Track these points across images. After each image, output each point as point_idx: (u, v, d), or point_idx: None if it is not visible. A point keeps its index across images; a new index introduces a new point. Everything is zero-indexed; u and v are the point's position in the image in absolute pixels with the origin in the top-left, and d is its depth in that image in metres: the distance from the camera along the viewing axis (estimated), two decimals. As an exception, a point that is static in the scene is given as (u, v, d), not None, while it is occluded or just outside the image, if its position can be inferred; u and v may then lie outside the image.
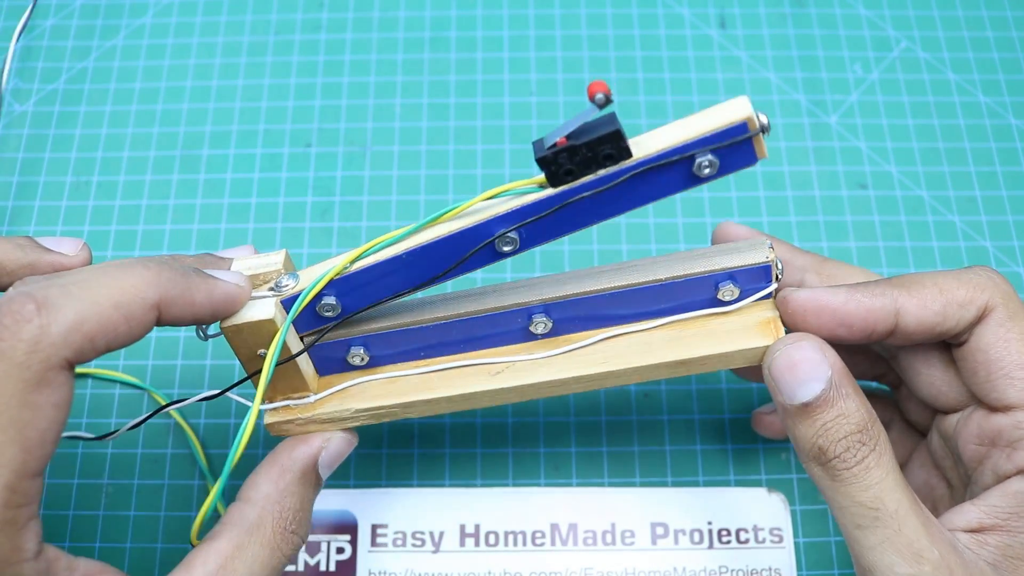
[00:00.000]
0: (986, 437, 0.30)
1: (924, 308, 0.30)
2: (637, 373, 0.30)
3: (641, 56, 0.48)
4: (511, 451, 0.41)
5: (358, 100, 0.48)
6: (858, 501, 0.28)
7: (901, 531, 0.27)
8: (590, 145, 0.26)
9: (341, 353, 0.32)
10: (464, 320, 0.31)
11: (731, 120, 0.26)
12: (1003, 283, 0.30)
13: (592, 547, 0.38)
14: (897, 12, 0.49)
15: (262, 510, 0.28)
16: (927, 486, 0.34)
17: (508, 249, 0.29)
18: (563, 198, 0.28)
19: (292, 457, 0.30)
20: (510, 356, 0.32)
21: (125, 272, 0.26)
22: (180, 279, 0.27)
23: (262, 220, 0.45)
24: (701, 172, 0.27)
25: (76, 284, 0.25)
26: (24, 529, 0.24)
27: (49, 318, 0.24)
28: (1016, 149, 0.46)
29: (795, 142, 0.46)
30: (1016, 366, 0.29)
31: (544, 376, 0.31)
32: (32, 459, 0.24)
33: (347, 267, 0.30)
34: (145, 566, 0.38)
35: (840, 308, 0.30)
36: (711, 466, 0.40)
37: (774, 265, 0.30)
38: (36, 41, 0.49)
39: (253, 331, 0.29)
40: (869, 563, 0.28)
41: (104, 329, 0.25)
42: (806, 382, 0.28)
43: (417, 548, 0.38)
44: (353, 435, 0.32)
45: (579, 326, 0.32)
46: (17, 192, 0.46)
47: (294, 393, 0.32)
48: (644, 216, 0.45)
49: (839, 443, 0.28)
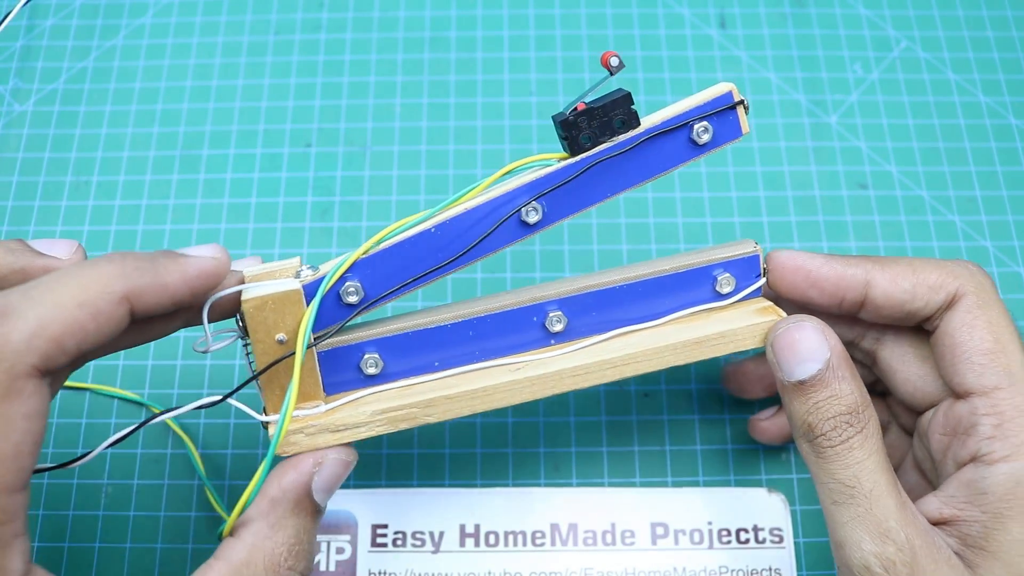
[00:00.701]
0: (949, 426, 0.31)
1: (894, 284, 0.31)
2: (656, 355, 0.31)
3: (641, 56, 0.48)
4: (511, 451, 0.41)
5: (358, 100, 0.48)
6: (837, 478, 0.29)
7: (872, 510, 0.28)
8: (605, 109, 0.30)
9: (354, 360, 0.31)
10: (479, 319, 0.31)
11: (718, 92, 0.31)
12: (979, 274, 0.31)
13: (592, 547, 0.38)
14: (897, 12, 0.49)
15: (252, 548, 0.26)
16: (916, 488, 0.34)
17: (534, 220, 0.30)
18: (583, 165, 0.30)
19: (281, 487, 0.27)
20: (528, 357, 0.32)
21: (88, 269, 0.25)
22: (147, 265, 0.26)
23: (262, 220, 0.45)
24: (700, 138, 0.30)
25: (37, 288, 0.24)
26: (8, 548, 0.23)
27: (9, 326, 0.23)
28: (1016, 149, 0.46)
29: (795, 142, 0.46)
30: (978, 351, 0.30)
31: (565, 364, 0.31)
32: (9, 473, 0.23)
33: (373, 247, 0.29)
34: (145, 566, 0.38)
35: (815, 271, 0.32)
36: (711, 466, 0.40)
37: (762, 258, 0.33)
38: (36, 41, 0.49)
39: (277, 307, 0.28)
40: (840, 538, 0.29)
41: (71, 330, 0.24)
42: (805, 361, 0.29)
43: (417, 548, 0.38)
44: (350, 454, 0.29)
45: (592, 328, 0.32)
46: (17, 192, 0.46)
47: (304, 402, 0.30)
48: (644, 216, 0.45)
49: (827, 422, 0.29)
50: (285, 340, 0.28)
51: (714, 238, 0.44)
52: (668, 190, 0.45)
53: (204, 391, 0.41)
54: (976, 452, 0.29)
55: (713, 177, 0.45)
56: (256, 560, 0.26)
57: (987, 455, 0.29)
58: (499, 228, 0.30)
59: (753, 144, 0.46)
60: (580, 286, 0.32)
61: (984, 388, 0.30)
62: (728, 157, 0.46)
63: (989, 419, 0.29)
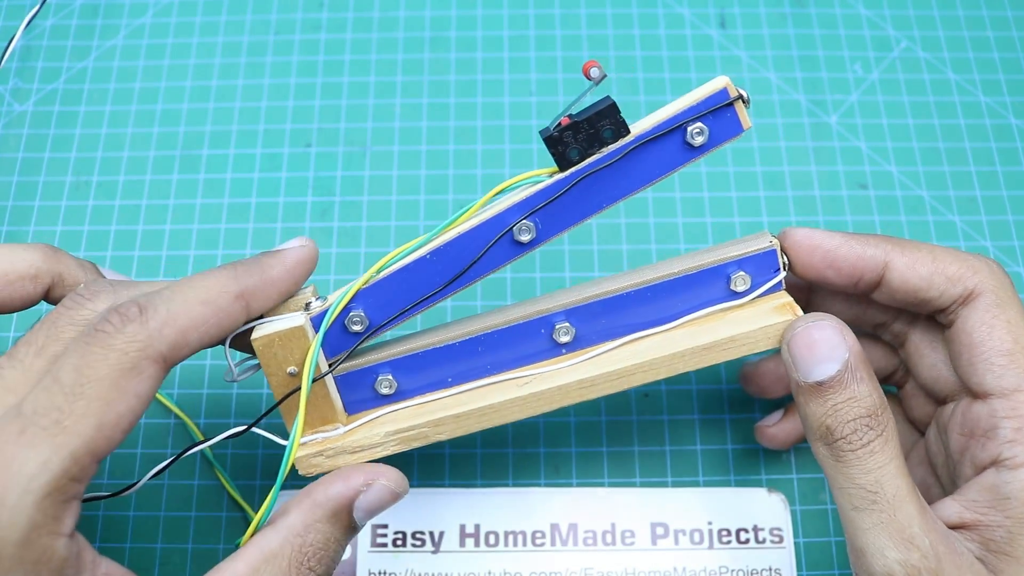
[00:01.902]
0: (967, 427, 0.31)
1: (912, 269, 0.30)
2: (665, 364, 0.31)
3: (641, 56, 0.48)
4: (511, 451, 0.41)
5: (358, 100, 0.48)
6: (858, 483, 0.28)
7: (895, 516, 0.28)
8: (590, 120, 0.29)
9: (369, 381, 0.32)
10: (488, 335, 0.32)
11: (713, 89, 0.29)
12: (999, 272, 0.31)
13: (592, 547, 0.38)
14: (897, 12, 0.49)
15: (284, 540, 0.28)
16: (923, 484, 0.34)
17: (527, 238, 0.30)
18: (572, 179, 0.29)
19: (327, 494, 0.29)
20: (537, 370, 0.32)
21: (207, 275, 0.28)
22: (253, 265, 0.29)
23: (262, 220, 0.45)
24: (694, 140, 0.29)
25: (169, 289, 0.28)
26: (68, 504, 0.25)
27: (148, 316, 0.26)
28: (1016, 149, 0.46)
29: (795, 142, 0.46)
30: (997, 352, 0.29)
31: (573, 377, 0.31)
32: (102, 438, 0.25)
33: (373, 277, 0.30)
34: (145, 566, 0.38)
35: (832, 250, 0.31)
36: (711, 466, 0.40)
37: (779, 251, 0.31)
38: (36, 41, 0.49)
39: (284, 343, 0.29)
40: (861, 544, 0.28)
41: (195, 323, 0.27)
42: (823, 361, 0.29)
43: (417, 548, 0.38)
44: (400, 484, 0.30)
45: (601, 336, 0.32)
46: (17, 192, 0.46)
47: (324, 425, 0.31)
48: (644, 216, 0.45)
49: (847, 425, 0.28)
50: (296, 372, 0.30)
51: (714, 238, 0.44)
52: (668, 190, 0.45)
53: (231, 420, 0.41)
54: (997, 456, 0.29)
55: (713, 177, 0.45)
56: (284, 553, 0.28)
57: (1009, 459, 0.29)
58: (493, 249, 0.30)
59: (753, 144, 0.46)
60: (587, 295, 0.31)
61: (1004, 390, 0.29)
62: (728, 157, 0.46)
63: (1010, 422, 0.29)
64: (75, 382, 0.25)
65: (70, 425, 0.24)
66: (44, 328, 0.27)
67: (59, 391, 0.25)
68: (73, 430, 0.24)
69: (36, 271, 0.30)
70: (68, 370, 0.25)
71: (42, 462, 0.24)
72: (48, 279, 0.30)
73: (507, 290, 0.43)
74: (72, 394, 0.25)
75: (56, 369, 0.25)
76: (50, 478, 0.24)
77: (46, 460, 0.24)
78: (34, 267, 0.30)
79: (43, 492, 0.24)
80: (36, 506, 0.24)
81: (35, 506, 0.24)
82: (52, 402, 0.25)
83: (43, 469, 0.24)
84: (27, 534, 0.24)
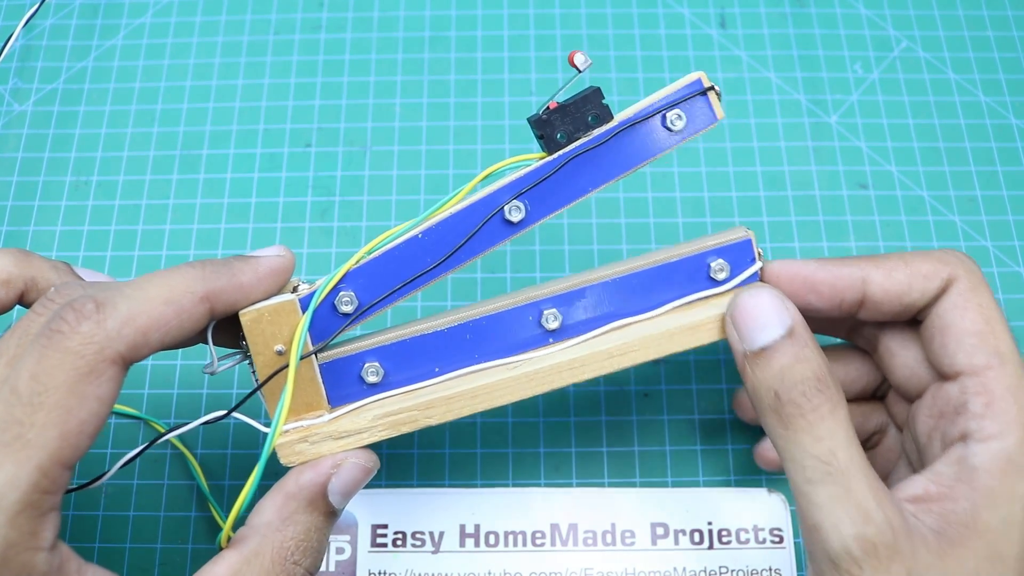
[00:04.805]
0: (936, 409, 0.31)
1: (889, 278, 0.31)
2: (653, 343, 0.31)
3: (641, 56, 0.48)
4: (511, 451, 0.41)
5: (358, 100, 0.48)
6: (811, 453, 0.28)
7: (851, 489, 0.27)
8: (576, 105, 0.30)
9: (355, 370, 0.31)
10: (476, 321, 0.32)
11: (688, 80, 0.31)
12: (968, 261, 0.31)
13: (592, 547, 0.38)
14: (897, 12, 0.49)
15: (262, 539, 0.28)
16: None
17: (517, 218, 0.31)
18: (560, 161, 0.31)
19: (298, 484, 0.29)
20: (526, 356, 0.32)
21: (172, 272, 0.28)
22: (223, 268, 0.28)
23: (262, 220, 0.45)
24: (674, 125, 0.31)
25: (130, 286, 0.27)
26: (44, 519, 0.24)
27: (105, 314, 0.25)
28: (1017, 149, 0.46)
29: (795, 142, 0.46)
30: (968, 332, 0.30)
31: (561, 358, 0.31)
32: (67, 447, 0.24)
33: (363, 258, 0.30)
34: (145, 566, 0.38)
35: (810, 275, 0.32)
36: (711, 466, 0.40)
37: (754, 241, 0.32)
38: (36, 41, 0.49)
39: (273, 318, 0.29)
40: (816, 521, 0.28)
41: (156, 323, 0.26)
42: (766, 327, 0.29)
43: (417, 548, 0.38)
44: (371, 460, 0.30)
45: (589, 324, 0.32)
46: (17, 192, 0.46)
47: (308, 412, 0.31)
48: (644, 216, 0.45)
49: (795, 387, 0.29)
50: (284, 351, 0.29)
51: (714, 238, 0.44)
52: (668, 190, 0.45)
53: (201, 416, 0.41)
54: (966, 430, 0.29)
55: (713, 177, 0.45)
56: (264, 551, 0.27)
57: (977, 431, 0.29)
58: (484, 228, 0.30)
59: (753, 144, 0.46)
60: (574, 283, 0.32)
61: (974, 368, 0.29)
62: (728, 157, 0.46)
63: (980, 398, 0.29)
64: (32, 391, 0.24)
65: (33, 438, 0.24)
66: (15, 335, 0.26)
67: (17, 403, 0.24)
68: (36, 443, 0.24)
69: (7, 276, 0.29)
70: (25, 379, 0.24)
71: (8, 480, 0.24)
72: (21, 284, 0.30)
73: (507, 290, 0.43)
74: (31, 405, 0.24)
75: (13, 378, 0.25)
76: (20, 495, 0.24)
77: (12, 477, 0.24)
78: (4, 272, 0.29)
79: (15, 510, 0.24)
80: (10, 524, 0.24)
81: (8, 524, 0.24)
82: (12, 416, 0.24)
83: (11, 487, 0.24)
84: (3, 552, 0.24)
